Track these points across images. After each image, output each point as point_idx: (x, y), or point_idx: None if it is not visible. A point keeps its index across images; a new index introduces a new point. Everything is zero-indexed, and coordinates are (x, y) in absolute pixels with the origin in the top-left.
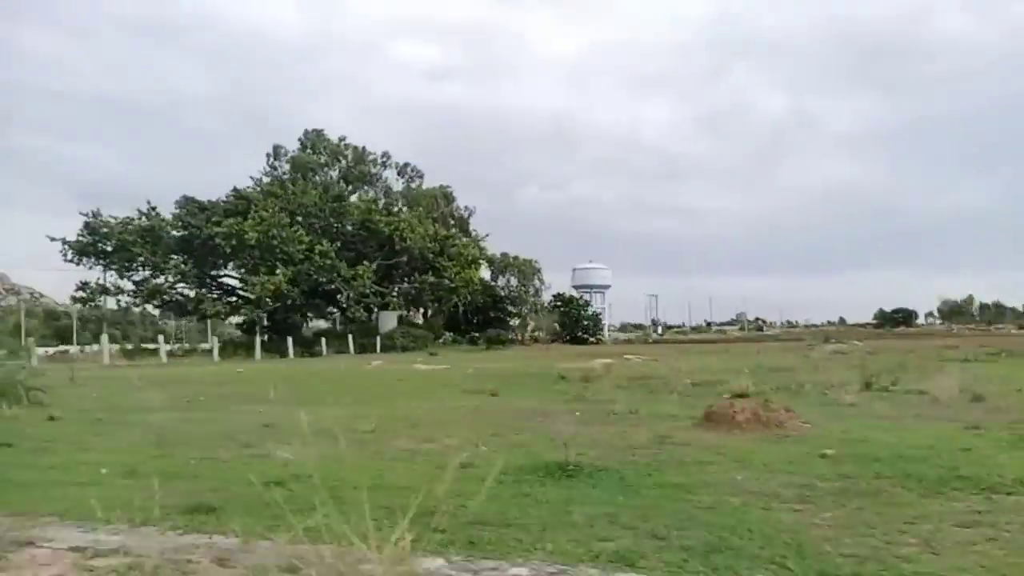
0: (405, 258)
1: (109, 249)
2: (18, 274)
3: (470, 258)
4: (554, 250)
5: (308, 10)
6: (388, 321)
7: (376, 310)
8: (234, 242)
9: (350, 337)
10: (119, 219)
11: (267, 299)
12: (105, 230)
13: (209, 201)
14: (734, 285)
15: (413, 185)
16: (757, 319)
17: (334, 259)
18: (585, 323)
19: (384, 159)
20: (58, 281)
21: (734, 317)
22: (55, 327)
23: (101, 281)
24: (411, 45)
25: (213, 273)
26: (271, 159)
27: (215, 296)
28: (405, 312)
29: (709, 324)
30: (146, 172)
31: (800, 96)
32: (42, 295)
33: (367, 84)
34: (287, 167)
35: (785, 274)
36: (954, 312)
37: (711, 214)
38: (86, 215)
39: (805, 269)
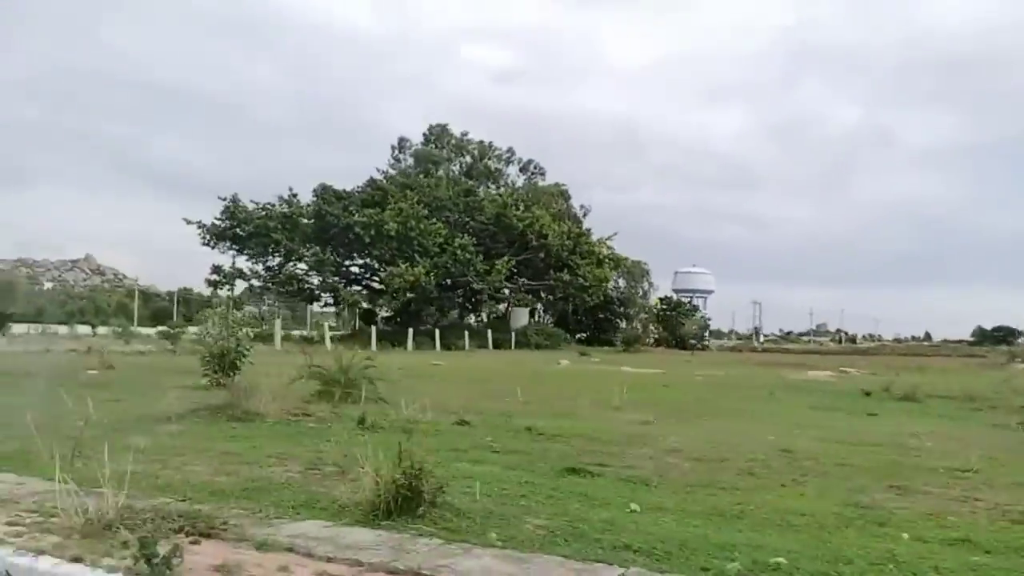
0: (542, 254)
1: (243, 234)
2: (102, 255)
3: (601, 256)
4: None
5: (382, 11)
6: (520, 317)
7: (507, 306)
8: (373, 232)
9: (489, 333)
10: (260, 204)
11: (404, 290)
12: (243, 215)
13: (344, 191)
14: (798, 295)
15: (533, 182)
16: (839, 330)
17: (473, 253)
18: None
19: (509, 155)
20: (139, 264)
21: (814, 328)
22: (152, 308)
23: (231, 266)
24: (481, 48)
25: (346, 263)
26: (395, 151)
27: (342, 284)
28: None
29: (788, 333)
30: (221, 163)
31: (875, 109)
32: (125, 276)
33: (437, 85)
34: (411, 160)
35: (855, 286)
36: None
37: (780, 224)
38: (224, 199)
39: (877, 282)
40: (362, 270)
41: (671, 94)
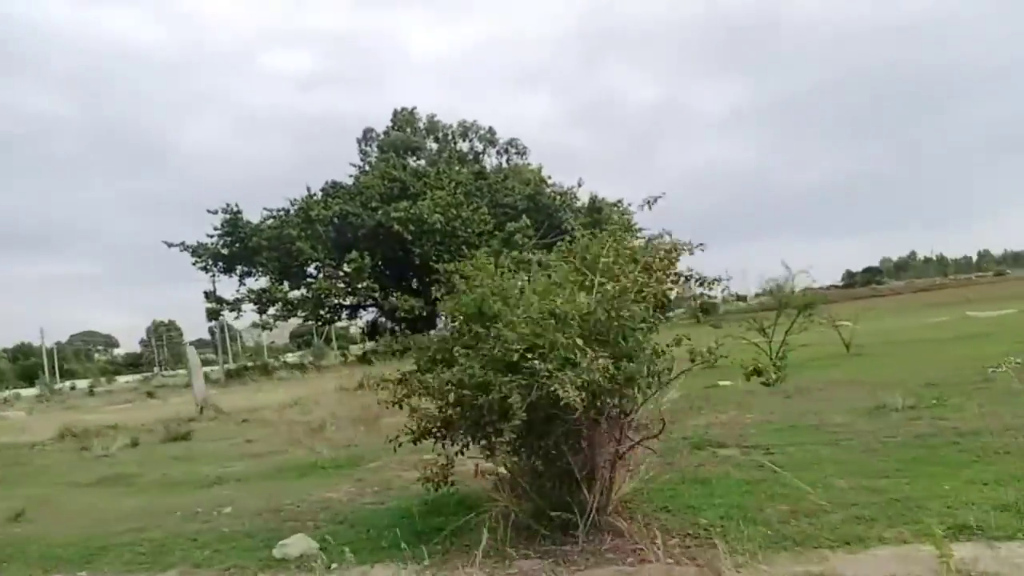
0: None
1: (244, 251)
2: None
3: (635, 231)
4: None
5: (171, 26)
6: None
7: None
8: (412, 227)
9: None
10: (272, 210)
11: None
12: (248, 228)
13: (354, 184)
14: None
15: (513, 163)
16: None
17: (531, 238)
18: None
19: (489, 135)
20: None
21: None
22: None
23: (243, 288)
24: (282, 55)
25: (380, 266)
26: (362, 144)
27: (382, 292)
28: None
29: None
30: (13, 205)
31: (670, 83)
32: None
33: (239, 97)
34: (377, 151)
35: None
36: (898, 268)
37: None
38: (214, 212)
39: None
40: (406, 273)
41: (479, 85)
